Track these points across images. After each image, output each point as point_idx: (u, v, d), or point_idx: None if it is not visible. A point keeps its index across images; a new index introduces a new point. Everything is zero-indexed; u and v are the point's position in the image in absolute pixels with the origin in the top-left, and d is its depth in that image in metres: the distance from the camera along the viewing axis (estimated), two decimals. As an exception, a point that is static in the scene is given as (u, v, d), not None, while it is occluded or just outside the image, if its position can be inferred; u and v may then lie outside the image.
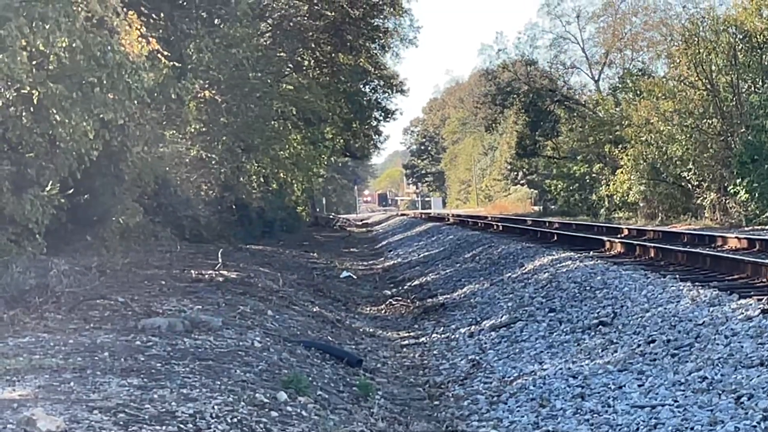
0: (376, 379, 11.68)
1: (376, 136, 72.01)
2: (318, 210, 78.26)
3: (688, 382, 9.03)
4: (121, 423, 6.54)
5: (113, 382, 7.77)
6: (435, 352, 14.08)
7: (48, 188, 13.47)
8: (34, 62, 12.74)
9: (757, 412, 7.79)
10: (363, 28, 45.62)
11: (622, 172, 48.87)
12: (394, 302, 20.13)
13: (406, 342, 15.21)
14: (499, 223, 41.87)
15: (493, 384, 11.14)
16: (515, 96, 68.15)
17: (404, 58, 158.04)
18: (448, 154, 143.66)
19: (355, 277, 26.47)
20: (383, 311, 19.30)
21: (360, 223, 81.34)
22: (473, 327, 15.38)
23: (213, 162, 29.19)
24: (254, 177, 37.06)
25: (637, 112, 45.58)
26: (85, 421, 6.45)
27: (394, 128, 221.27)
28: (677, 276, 14.92)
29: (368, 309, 19.66)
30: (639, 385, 9.42)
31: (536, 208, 77.73)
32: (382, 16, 47.25)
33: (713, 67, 41.39)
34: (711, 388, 8.69)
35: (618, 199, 50.38)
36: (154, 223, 23.18)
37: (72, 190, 14.54)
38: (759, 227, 32.36)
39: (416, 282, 24.25)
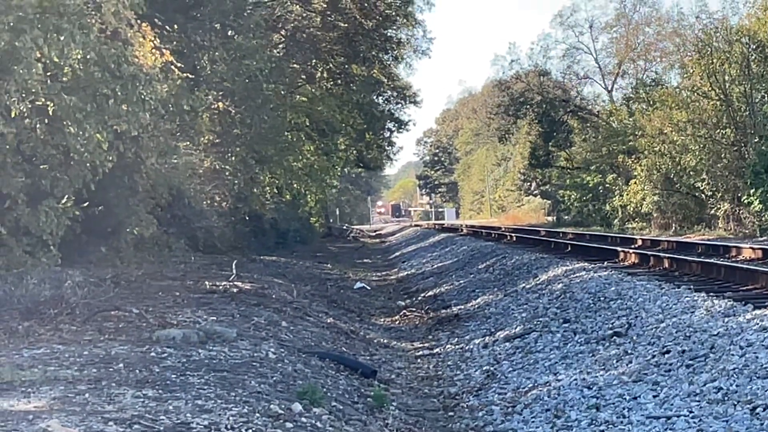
0: (390, 390, 11.66)
1: (390, 147, 72.14)
2: (331, 221, 78.26)
3: (704, 392, 9.00)
4: (137, 434, 6.55)
5: (128, 394, 7.78)
6: (449, 362, 14.06)
7: (63, 200, 13.52)
8: (48, 74, 12.80)
9: (773, 422, 7.77)
10: (376, 39, 45.64)
11: (635, 183, 48.85)
12: (408, 313, 20.10)
13: (421, 353, 15.19)
14: (513, 234, 41.82)
15: (508, 395, 11.12)
16: (528, 106, 68.27)
17: (417, 69, 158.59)
18: (462, 164, 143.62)
19: (368, 288, 26.46)
20: (397, 322, 19.27)
21: (373, 233, 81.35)
22: (487, 338, 15.35)
23: (226, 173, 29.24)
24: (268, 188, 37.12)
25: (651, 122, 45.54)
26: (100, 432, 6.47)
27: (407, 139, 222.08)
28: (692, 286, 14.89)
29: (382, 320, 19.64)
30: (654, 396, 9.39)
31: (549, 218, 77.63)
32: (395, 27, 47.24)
33: (726, 77, 41.35)
34: (726, 398, 8.66)
35: (631, 209, 50.32)
36: (168, 234, 23.23)
37: (86, 202, 14.60)
38: (773, 237, 32.29)
39: (430, 293, 24.23)
